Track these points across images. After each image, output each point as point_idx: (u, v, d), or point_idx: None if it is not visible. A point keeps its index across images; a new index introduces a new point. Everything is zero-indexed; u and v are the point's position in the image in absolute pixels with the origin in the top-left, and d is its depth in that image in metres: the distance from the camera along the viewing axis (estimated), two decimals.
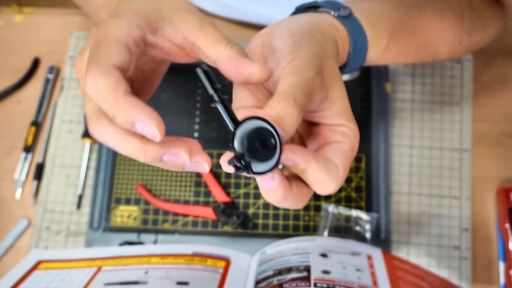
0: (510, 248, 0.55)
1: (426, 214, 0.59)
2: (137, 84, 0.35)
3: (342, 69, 0.41)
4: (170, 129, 0.62)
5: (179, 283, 0.47)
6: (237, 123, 0.28)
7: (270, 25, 0.36)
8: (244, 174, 0.28)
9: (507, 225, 0.55)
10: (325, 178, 0.30)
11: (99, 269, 0.51)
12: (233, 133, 0.27)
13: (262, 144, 0.28)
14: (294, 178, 0.31)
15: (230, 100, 0.29)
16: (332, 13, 0.39)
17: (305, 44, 0.33)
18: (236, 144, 0.28)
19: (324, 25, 0.38)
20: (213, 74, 0.29)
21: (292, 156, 0.29)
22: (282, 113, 0.29)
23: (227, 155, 0.29)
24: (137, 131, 0.27)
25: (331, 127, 0.32)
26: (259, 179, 0.29)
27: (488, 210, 0.59)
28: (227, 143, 0.28)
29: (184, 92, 0.64)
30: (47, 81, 0.67)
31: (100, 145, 0.62)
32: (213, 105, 0.28)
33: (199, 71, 0.29)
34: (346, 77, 0.62)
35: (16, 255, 0.60)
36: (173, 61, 0.35)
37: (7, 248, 0.60)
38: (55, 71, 0.67)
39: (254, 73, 0.29)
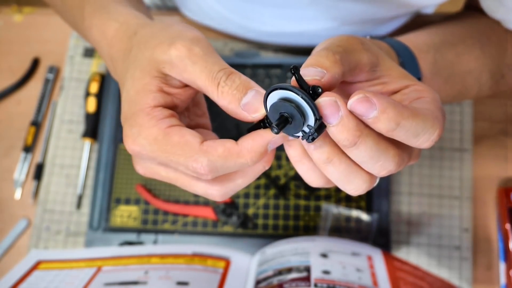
0: (510, 248, 0.55)
1: (426, 214, 0.59)
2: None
3: None
4: None
5: (179, 283, 0.47)
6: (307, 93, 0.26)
7: None
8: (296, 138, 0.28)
9: (507, 225, 0.55)
10: (425, 124, 0.26)
11: (99, 269, 0.51)
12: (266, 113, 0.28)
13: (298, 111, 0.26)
14: None
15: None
16: (368, 37, 0.40)
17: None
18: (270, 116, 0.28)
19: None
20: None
21: (374, 98, 0.25)
22: (316, 55, 0.28)
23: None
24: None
25: (401, 91, 0.31)
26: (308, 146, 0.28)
27: (488, 210, 0.59)
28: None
29: None
30: (46, 81, 0.67)
31: (100, 145, 0.62)
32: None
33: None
34: None
35: (16, 255, 0.60)
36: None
37: (7, 248, 0.60)
38: (55, 71, 0.67)
39: (243, 118, 0.30)
